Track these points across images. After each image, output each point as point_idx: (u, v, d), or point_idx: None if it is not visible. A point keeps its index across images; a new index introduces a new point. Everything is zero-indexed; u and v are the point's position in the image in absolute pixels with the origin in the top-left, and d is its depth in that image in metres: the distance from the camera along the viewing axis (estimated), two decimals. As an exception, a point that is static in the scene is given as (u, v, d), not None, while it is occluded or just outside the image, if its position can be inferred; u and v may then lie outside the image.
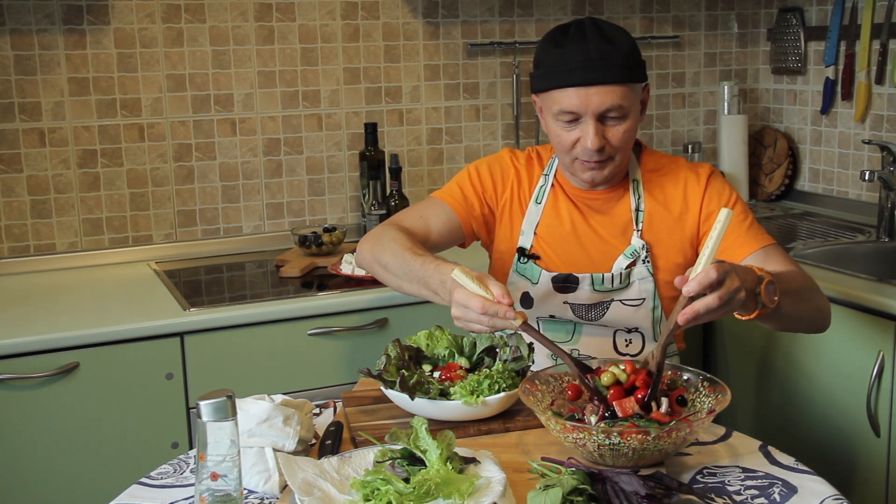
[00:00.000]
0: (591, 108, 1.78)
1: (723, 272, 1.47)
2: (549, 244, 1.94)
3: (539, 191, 1.97)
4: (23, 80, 2.59)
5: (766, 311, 1.58)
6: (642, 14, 3.20)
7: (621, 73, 1.78)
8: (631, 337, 1.93)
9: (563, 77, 1.79)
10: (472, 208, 1.97)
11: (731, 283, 1.48)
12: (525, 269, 1.95)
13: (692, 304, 1.47)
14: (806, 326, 1.81)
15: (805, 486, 1.40)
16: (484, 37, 3.03)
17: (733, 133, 3.25)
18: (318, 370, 2.32)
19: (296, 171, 2.89)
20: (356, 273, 2.43)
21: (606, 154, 1.82)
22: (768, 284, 1.57)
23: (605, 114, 1.79)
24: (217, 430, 1.24)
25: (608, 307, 1.90)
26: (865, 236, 2.75)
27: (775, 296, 1.59)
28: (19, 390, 2.09)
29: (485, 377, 1.59)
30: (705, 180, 1.92)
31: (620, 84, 1.78)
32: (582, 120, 1.80)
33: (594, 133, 1.79)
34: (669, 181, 1.93)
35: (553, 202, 1.96)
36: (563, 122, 1.82)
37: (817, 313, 1.79)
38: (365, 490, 1.28)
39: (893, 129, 2.89)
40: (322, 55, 2.86)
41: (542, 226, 1.95)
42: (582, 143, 1.81)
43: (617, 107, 1.78)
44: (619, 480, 1.29)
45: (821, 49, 3.11)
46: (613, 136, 1.81)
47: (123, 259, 2.73)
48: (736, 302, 1.50)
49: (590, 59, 1.77)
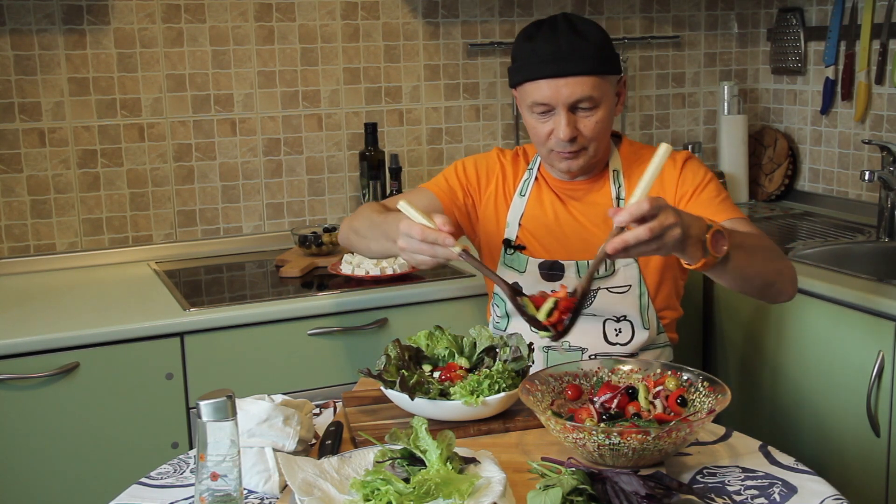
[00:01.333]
0: (561, 99, 1.85)
1: (656, 206, 1.47)
2: (534, 234, 2.01)
3: (523, 184, 2.05)
4: (23, 80, 2.59)
5: (712, 259, 1.57)
6: (642, 14, 3.20)
7: (591, 64, 1.84)
8: (620, 326, 1.97)
9: (534, 69, 1.86)
10: (455, 197, 2.05)
11: (664, 219, 1.47)
12: (512, 260, 2.02)
13: (622, 234, 1.47)
14: (764, 289, 1.78)
15: (805, 486, 1.40)
16: (484, 37, 3.03)
17: (733, 133, 3.25)
18: (318, 370, 2.32)
19: (296, 171, 2.89)
20: (356, 273, 2.43)
21: (579, 144, 1.89)
22: (716, 233, 1.57)
23: (576, 104, 1.86)
24: (217, 430, 1.24)
25: (595, 295, 1.95)
26: (865, 236, 2.75)
27: (724, 245, 1.58)
28: (19, 390, 2.09)
29: (485, 377, 1.59)
30: (681, 164, 1.97)
31: (590, 75, 1.84)
32: (554, 111, 1.87)
33: (566, 123, 1.86)
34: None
35: (537, 194, 2.03)
36: (537, 115, 1.89)
37: (777, 276, 1.77)
38: (365, 490, 1.28)
39: (893, 129, 2.89)
40: (322, 55, 2.86)
41: (526, 217, 2.02)
42: (555, 134, 1.88)
43: (587, 97, 1.85)
44: (619, 480, 1.29)
45: (821, 49, 3.11)
46: (585, 126, 1.88)
47: (123, 259, 2.73)
48: (669, 238, 1.48)
49: (559, 52, 1.84)
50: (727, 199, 1.95)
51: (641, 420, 1.47)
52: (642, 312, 1.96)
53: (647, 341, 1.98)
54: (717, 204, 1.91)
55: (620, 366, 1.63)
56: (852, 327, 2.19)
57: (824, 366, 2.27)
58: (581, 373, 1.62)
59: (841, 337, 2.22)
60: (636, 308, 1.96)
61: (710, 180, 1.96)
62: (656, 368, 1.61)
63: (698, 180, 1.95)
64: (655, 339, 1.99)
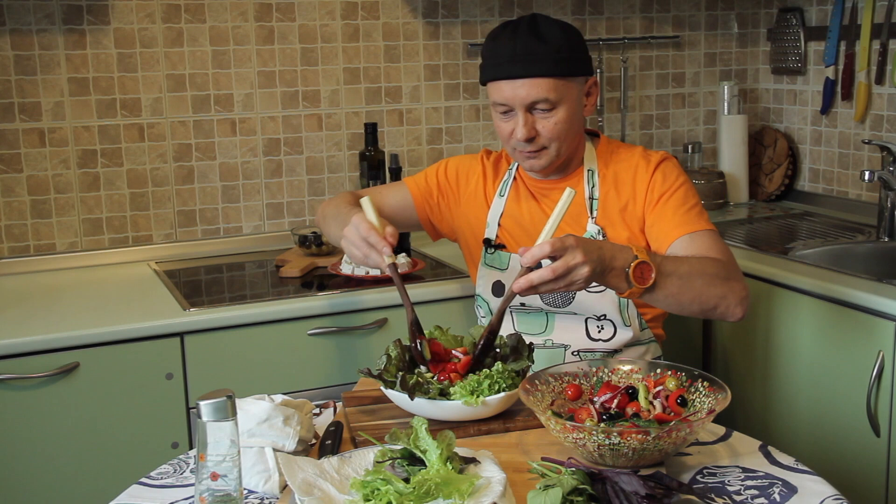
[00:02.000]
0: (518, 100, 1.88)
1: (560, 247, 1.55)
2: (511, 233, 2.05)
3: (503, 184, 2.10)
4: (23, 80, 2.59)
5: (637, 290, 1.64)
6: (642, 14, 3.20)
7: (547, 66, 1.86)
8: (602, 324, 2.00)
9: (494, 70, 1.91)
10: (430, 196, 2.14)
11: (570, 258, 1.55)
12: (493, 259, 2.06)
13: (528, 275, 1.56)
14: (704, 313, 1.80)
15: (805, 486, 1.40)
16: (484, 37, 3.02)
17: (733, 133, 3.25)
18: (318, 370, 2.32)
19: (296, 171, 2.89)
20: (356, 273, 2.43)
21: (538, 144, 1.93)
22: (639, 265, 1.63)
23: (532, 105, 1.89)
24: (217, 430, 1.24)
25: (574, 294, 1.97)
26: (865, 236, 2.75)
27: (650, 277, 1.64)
28: (19, 390, 2.09)
29: (485, 377, 1.59)
30: (654, 166, 1.97)
31: (547, 77, 1.86)
32: (514, 111, 1.91)
33: (522, 124, 1.90)
34: (623, 168, 2.00)
35: (514, 194, 2.07)
36: (499, 114, 1.94)
37: (719, 300, 1.76)
38: (365, 490, 1.28)
39: (893, 129, 2.89)
40: (322, 55, 2.86)
41: (505, 217, 2.07)
42: (514, 134, 1.92)
43: (543, 99, 1.88)
44: (619, 480, 1.29)
45: (821, 49, 3.11)
46: (544, 127, 1.91)
47: (123, 259, 2.73)
48: (576, 277, 1.56)
49: (516, 54, 1.87)
50: (694, 208, 1.92)
51: (641, 420, 1.47)
52: (621, 311, 1.98)
53: (632, 338, 1.99)
54: (682, 214, 1.90)
55: (620, 366, 1.63)
56: (852, 327, 2.18)
57: (824, 366, 2.27)
58: (581, 373, 1.62)
59: (841, 337, 2.22)
60: (615, 306, 1.97)
61: (680, 187, 1.94)
62: (656, 368, 1.61)
63: (667, 186, 1.94)
64: (640, 335, 2.01)
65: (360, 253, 1.77)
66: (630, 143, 2.71)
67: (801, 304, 2.31)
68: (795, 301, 2.32)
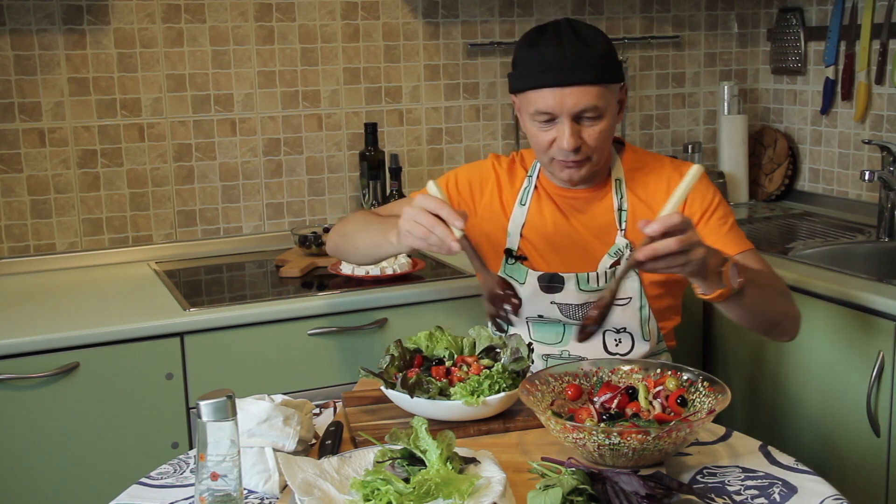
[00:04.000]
0: (566, 108, 1.80)
1: (685, 222, 1.50)
2: (535, 245, 1.97)
3: (523, 192, 2.01)
4: (23, 80, 2.59)
5: (728, 291, 1.60)
6: (642, 14, 3.20)
7: (596, 73, 1.79)
8: (620, 337, 1.95)
9: (538, 77, 1.81)
10: None
11: (693, 235, 1.51)
12: (513, 271, 1.98)
13: (653, 244, 1.50)
14: (770, 327, 1.80)
15: (805, 486, 1.40)
16: (484, 37, 3.03)
17: (733, 133, 3.25)
18: (318, 370, 2.32)
19: (296, 171, 2.89)
20: (356, 273, 2.43)
21: (583, 154, 1.85)
22: (732, 265, 1.60)
23: (580, 114, 1.81)
24: (217, 430, 1.24)
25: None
26: (865, 236, 2.75)
27: (739, 278, 1.61)
28: (19, 390, 2.09)
29: (485, 377, 1.59)
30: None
31: (595, 85, 1.79)
32: (558, 120, 1.82)
33: (570, 133, 1.81)
34: (653, 179, 1.95)
35: (537, 203, 1.99)
36: (539, 123, 1.84)
37: (783, 317, 1.79)
38: (365, 490, 1.28)
39: (893, 129, 2.89)
40: (322, 55, 2.86)
41: (527, 227, 1.99)
42: (558, 144, 1.84)
43: (592, 107, 1.80)
44: (619, 480, 1.29)
45: (821, 49, 3.11)
46: (589, 136, 1.83)
47: (123, 259, 2.73)
48: (694, 256, 1.51)
49: (565, 60, 1.79)
50: (734, 226, 1.91)
51: (641, 420, 1.47)
52: (643, 325, 1.93)
53: (648, 352, 1.95)
54: (725, 234, 1.88)
55: (620, 366, 1.63)
56: (852, 327, 2.18)
57: (824, 366, 2.27)
58: (581, 373, 1.62)
59: (841, 337, 2.22)
60: (636, 320, 1.93)
61: (719, 204, 1.92)
62: (656, 368, 1.61)
63: (706, 203, 1.91)
64: (655, 348, 1.97)
65: (425, 228, 1.63)
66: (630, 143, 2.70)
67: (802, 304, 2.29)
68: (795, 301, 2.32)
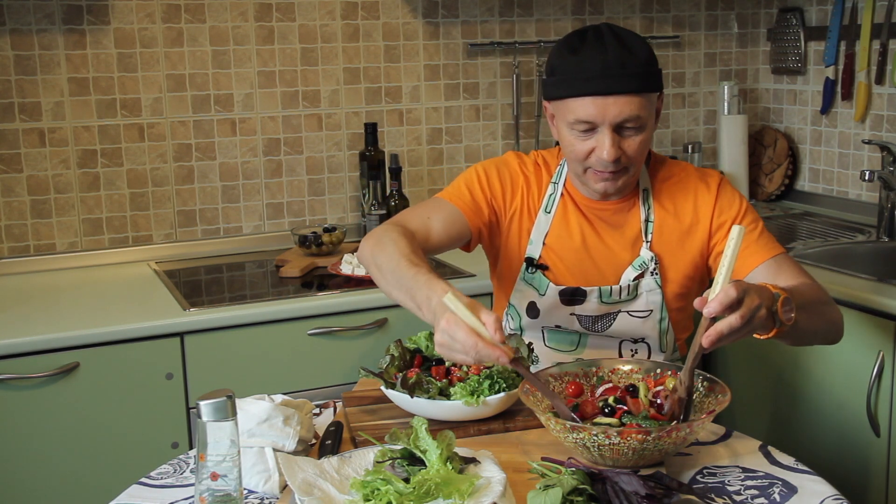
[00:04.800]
0: (608, 118, 1.72)
1: (742, 290, 1.43)
2: (559, 255, 1.90)
3: (548, 199, 1.92)
4: (23, 80, 2.59)
5: (784, 329, 1.54)
6: (642, 14, 3.20)
7: (640, 82, 1.72)
8: (637, 347, 1.91)
9: (579, 85, 1.73)
10: (481, 212, 1.90)
11: (751, 302, 1.45)
12: (533, 279, 1.91)
13: (715, 325, 1.43)
14: (820, 340, 1.78)
15: (805, 486, 1.40)
16: (484, 37, 3.03)
17: (733, 133, 3.25)
18: (318, 370, 2.32)
19: (296, 171, 2.89)
20: (356, 273, 2.43)
21: (622, 165, 1.77)
22: (784, 302, 1.54)
23: (622, 124, 1.74)
24: (217, 430, 1.24)
25: (615, 318, 1.88)
26: (865, 236, 2.75)
27: (792, 313, 1.55)
28: (19, 390, 2.09)
29: (485, 377, 1.59)
30: (716, 190, 1.88)
31: (638, 94, 1.72)
32: (598, 130, 1.75)
33: (611, 144, 1.74)
34: (679, 191, 1.89)
35: (563, 212, 1.91)
36: (578, 132, 1.76)
37: (831, 326, 1.75)
38: (365, 490, 1.28)
39: (893, 129, 2.89)
40: (322, 55, 2.86)
41: (551, 236, 1.90)
42: (597, 154, 1.76)
43: (635, 117, 1.73)
44: (619, 480, 1.29)
45: (821, 49, 3.11)
46: (629, 146, 1.76)
47: (123, 259, 2.73)
48: (757, 320, 1.46)
49: (608, 68, 1.71)
50: (764, 231, 1.86)
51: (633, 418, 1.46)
52: (661, 336, 1.91)
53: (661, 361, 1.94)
54: (756, 239, 1.83)
55: (620, 366, 1.63)
56: (852, 327, 2.18)
57: (824, 366, 2.27)
58: (581, 373, 1.62)
59: (841, 337, 2.22)
60: (656, 332, 1.90)
61: (746, 210, 1.88)
62: (656, 368, 1.61)
63: (734, 211, 1.86)
64: (669, 358, 1.95)
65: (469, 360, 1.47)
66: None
67: (801, 304, 2.30)
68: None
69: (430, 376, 1.62)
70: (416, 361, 1.69)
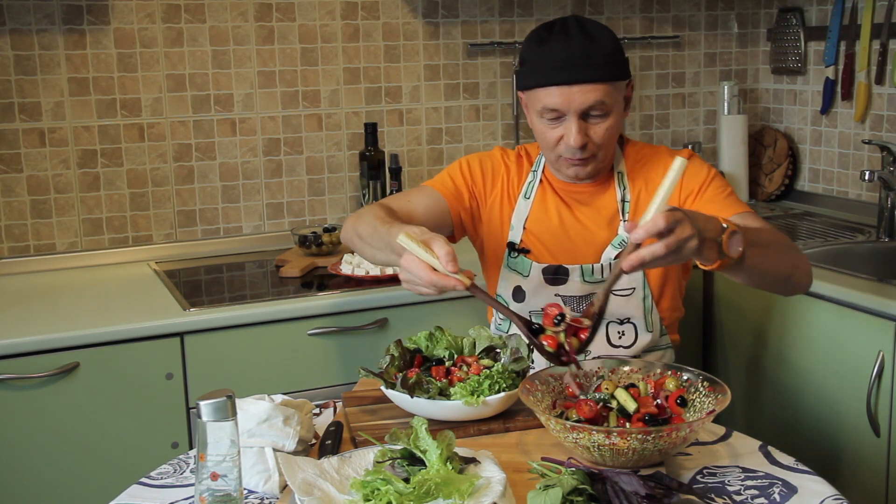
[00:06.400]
0: (573, 106, 1.82)
1: (673, 221, 1.44)
2: (539, 238, 1.99)
3: (528, 186, 2.03)
4: (23, 80, 2.59)
5: (727, 261, 1.56)
6: (642, 14, 3.20)
7: (604, 71, 1.82)
8: (623, 329, 1.96)
9: (546, 75, 1.83)
10: (461, 198, 2.02)
11: (681, 232, 1.45)
12: (516, 264, 2.00)
13: (638, 251, 1.46)
14: (780, 283, 1.77)
15: (805, 486, 1.40)
16: (484, 37, 3.03)
17: (733, 133, 3.25)
18: (318, 370, 2.32)
19: (296, 171, 2.89)
20: (356, 273, 2.43)
21: (589, 151, 1.87)
22: (732, 234, 1.56)
23: (587, 111, 1.83)
24: (217, 430, 1.24)
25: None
26: (865, 236, 2.75)
27: (739, 246, 1.57)
28: (19, 390, 2.09)
29: (485, 377, 1.59)
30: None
31: (603, 82, 1.82)
32: (565, 118, 1.85)
33: (577, 131, 1.83)
34: (652, 168, 1.98)
35: (541, 197, 2.01)
36: (546, 120, 1.87)
37: (793, 269, 1.76)
38: (365, 490, 1.28)
39: (893, 129, 2.89)
40: (322, 55, 2.86)
41: (530, 220, 2.00)
42: (565, 141, 1.86)
43: (599, 104, 1.82)
44: (619, 480, 1.29)
45: (821, 49, 3.11)
46: (596, 133, 1.86)
47: (123, 259, 2.73)
48: (686, 250, 1.47)
49: (573, 58, 1.81)
50: (732, 193, 1.94)
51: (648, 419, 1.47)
52: (646, 315, 1.95)
53: (650, 343, 1.97)
54: (724, 199, 1.91)
55: (620, 366, 1.63)
56: (852, 327, 2.19)
57: (824, 366, 2.27)
58: (581, 373, 1.62)
59: (841, 337, 2.22)
60: (640, 311, 1.95)
61: (715, 176, 1.95)
62: (656, 369, 1.61)
63: (702, 178, 1.94)
64: (658, 341, 1.99)
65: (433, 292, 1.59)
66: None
67: (802, 304, 2.31)
68: (796, 301, 2.32)
69: (430, 376, 1.62)
70: (416, 361, 1.69)
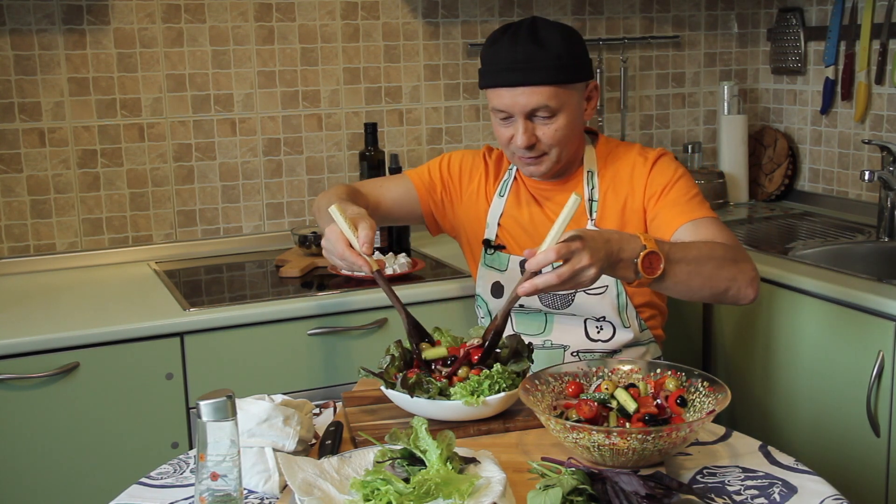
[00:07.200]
0: (517, 108, 1.87)
1: (567, 252, 1.51)
2: (511, 234, 2.04)
3: (503, 184, 2.08)
4: (23, 80, 2.59)
5: (645, 280, 1.62)
6: (642, 14, 3.20)
7: (548, 74, 1.85)
8: (601, 325, 1.99)
9: (494, 76, 1.89)
10: (433, 190, 2.12)
11: (576, 262, 1.52)
12: (493, 260, 2.06)
13: (532, 279, 1.54)
14: (716, 297, 1.78)
15: (805, 486, 1.40)
16: (484, 37, 3.03)
17: (733, 133, 3.25)
18: (318, 370, 2.32)
19: (296, 171, 2.89)
20: (356, 273, 2.43)
21: (539, 150, 1.92)
22: (648, 255, 1.60)
23: (533, 113, 1.87)
24: (217, 430, 1.24)
25: (573, 296, 1.97)
26: (865, 236, 2.75)
27: (658, 267, 1.62)
28: (19, 390, 2.09)
29: (485, 377, 1.59)
30: (652, 162, 1.97)
31: (547, 85, 1.85)
32: (514, 118, 1.89)
33: (523, 131, 1.88)
34: (621, 168, 2.00)
35: (515, 194, 2.06)
36: (499, 119, 1.92)
37: (730, 283, 1.75)
38: (365, 490, 1.28)
39: (893, 129, 2.89)
40: (322, 55, 2.86)
41: (504, 217, 2.06)
42: (513, 141, 1.91)
43: (543, 107, 1.86)
44: (619, 480, 1.29)
45: (821, 49, 3.11)
46: (544, 134, 1.89)
47: (123, 259, 2.73)
48: (583, 279, 1.54)
49: (516, 62, 1.85)
50: (696, 196, 1.94)
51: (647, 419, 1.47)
52: (620, 312, 1.97)
53: (631, 339, 1.99)
54: (684, 203, 1.91)
55: (620, 366, 1.63)
56: (852, 327, 2.18)
57: (824, 366, 2.27)
58: (581, 373, 1.62)
59: (841, 337, 2.22)
60: (614, 308, 1.97)
61: (680, 177, 1.95)
62: (656, 368, 1.61)
63: (667, 179, 1.94)
64: (639, 336, 2.01)
65: (344, 266, 1.78)
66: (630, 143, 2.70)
67: (802, 304, 2.31)
68: (795, 301, 2.32)
69: (429, 376, 1.62)
70: (415, 361, 1.69)
